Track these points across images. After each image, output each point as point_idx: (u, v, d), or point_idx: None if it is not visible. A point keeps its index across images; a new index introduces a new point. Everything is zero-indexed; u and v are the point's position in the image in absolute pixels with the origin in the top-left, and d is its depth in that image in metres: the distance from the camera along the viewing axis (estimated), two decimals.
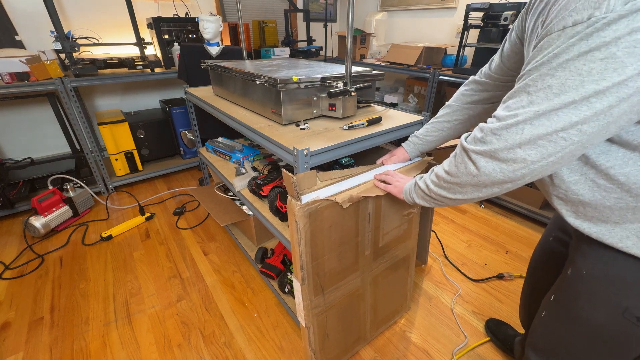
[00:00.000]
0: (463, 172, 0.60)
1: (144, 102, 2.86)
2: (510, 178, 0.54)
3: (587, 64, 0.43)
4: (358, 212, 0.97)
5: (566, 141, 0.47)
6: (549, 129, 0.48)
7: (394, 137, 1.17)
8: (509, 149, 0.52)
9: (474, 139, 0.58)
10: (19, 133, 2.39)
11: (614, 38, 0.41)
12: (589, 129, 0.46)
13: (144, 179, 2.54)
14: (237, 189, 1.47)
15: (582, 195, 0.56)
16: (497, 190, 0.59)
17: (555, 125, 0.47)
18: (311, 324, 1.00)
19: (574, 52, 0.44)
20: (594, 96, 0.44)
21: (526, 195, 2.02)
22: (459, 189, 0.64)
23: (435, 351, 1.25)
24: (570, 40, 0.44)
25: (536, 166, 0.51)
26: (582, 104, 0.45)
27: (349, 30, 1.02)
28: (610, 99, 0.43)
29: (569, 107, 0.45)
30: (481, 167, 0.57)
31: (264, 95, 1.22)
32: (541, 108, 0.48)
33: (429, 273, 1.63)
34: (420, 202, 0.78)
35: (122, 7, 2.23)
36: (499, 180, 0.56)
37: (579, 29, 0.43)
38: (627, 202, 0.52)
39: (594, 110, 0.44)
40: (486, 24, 2.00)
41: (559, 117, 0.46)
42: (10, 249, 1.81)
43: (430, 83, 2.32)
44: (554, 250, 0.87)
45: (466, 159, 0.59)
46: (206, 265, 1.69)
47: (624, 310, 0.58)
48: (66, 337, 1.31)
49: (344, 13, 3.81)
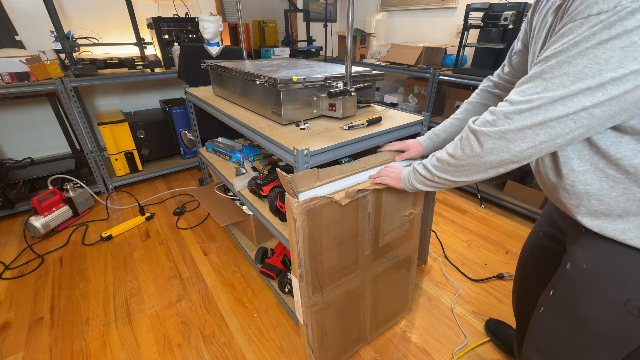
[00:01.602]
0: (469, 154, 0.61)
1: (144, 102, 2.86)
2: (517, 157, 0.56)
3: (607, 52, 0.44)
4: (357, 211, 0.97)
5: (575, 123, 0.48)
6: (561, 112, 0.49)
7: (394, 137, 1.17)
8: (519, 130, 0.53)
9: (484, 122, 0.58)
10: (19, 133, 2.39)
11: (636, 27, 0.41)
12: (600, 112, 0.47)
13: (144, 179, 2.54)
14: (237, 189, 1.47)
15: (590, 185, 0.57)
16: (503, 170, 0.60)
17: (568, 109, 0.48)
18: (309, 322, 1.01)
19: (595, 40, 0.44)
20: (609, 83, 0.44)
21: (526, 195, 2.02)
22: (464, 171, 0.65)
23: (435, 351, 1.25)
24: (593, 29, 0.44)
25: (543, 146, 0.52)
26: (598, 90, 0.45)
27: (349, 30, 1.03)
28: (627, 85, 0.44)
29: (584, 93, 0.46)
30: (488, 148, 0.58)
31: (264, 95, 1.22)
32: (556, 94, 0.48)
33: (429, 273, 1.63)
34: (420, 187, 0.79)
35: (122, 7, 2.23)
36: (506, 160, 0.57)
37: (602, 17, 0.43)
38: (633, 193, 0.54)
39: (609, 95, 0.45)
40: (486, 24, 2.00)
41: (573, 102, 0.47)
42: (10, 249, 1.81)
43: (430, 83, 2.32)
44: (544, 246, 0.88)
45: (473, 141, 0.60)
46: (206, 265, 1.69)
47: (626, 302, 0.57)
48: (66, 337, 1.31)
49: (344, 13, 3.81)
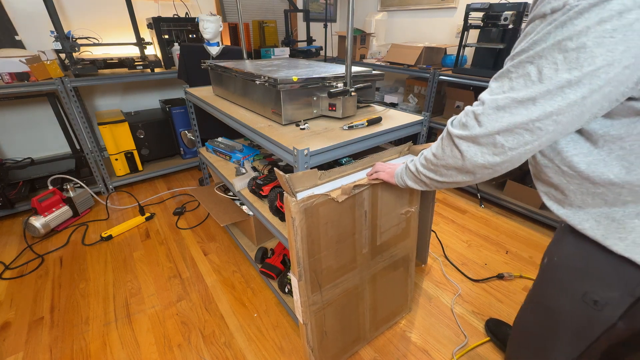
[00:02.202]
0: (449, 154, 0.62)
1: (144, 102, 2.86)
2: (490, 163, 0.56)
3: (562, 53, 0.44)
4: (354, 209, 0.97)
5: (542, 130, 0.49)
6: (526, 117, 0.49)
7: (394, 137, 1.17)
8: (488, 135, 0.53)
9: (459, 123, 0.59)
10: (19, 133, 2.39)
11: (585, 27, 0.41)
12: (563, 119, 0.47)
13: (144, 179, 2.54)
14: (237, 189, 1.47)
15: (551, 178, 0.61)
16: (479, 175, 0.60)
17: (531, 114, 0.48)
18: (309, 321, 1.01)
19: (550, 40, 0.45)
20: (567, 87, 0.45)
21: (526, 195, 2.02)
22: (445, 172, 0.66)
23: (435, 351, 1.25)
24: (547, 28, 0.45)
25: (514, 153, 0.52)
26: (557, 95, 0.46)
27: (349, 30, 1.03)
28: (583, 90, 0.44)
29: (545, 97, 0.46)
30: (464, 151, 0.58)
31: (264, 95, 1.22)
32: (519, 95, 0.49)
33: (429, 273, 1.63)
34: (411, 184, 0.79)
35: (122, 7, 2.23)
36: (480, 165, 0.57)
37: (555, 16, 0.44)
38: (587, 187, 0.56)
39: (568, 101, 0.45)
40: (486, 24, 2.00)
41: (535, 107, 0.47)
42: (10, 249, 1.81)
43: (430, 83, 2.32)
44: None
45: (451, 142, 0.61)
46: (206, 265, 1.69)
47: (584, 294, 0.60)
48: (66, 337, 1.31)
49: (344, 13, 3.81)
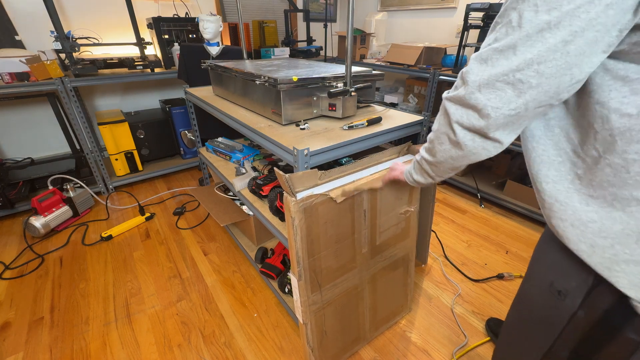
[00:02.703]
0: (441, 123, 0.60)
1: (144, 102, 2.86)
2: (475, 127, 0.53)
3: None
4: (354, 209, 0.97)
5: (523, 84, 0.46)
6: (505, 68, 0.46)
7: (393, 137, 1.17)
8: (470, 93, 0.51)
9: (453, 88, 0.57)
10: (19, 133, 2.39)
11: None
12: (546, 69, 0.44)
13: (144, 179, 2.54)
14: (237, 189, 1.47)
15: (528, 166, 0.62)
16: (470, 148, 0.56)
17: (511, 63, 0.46)
18: (309, 321, 1.01)
19: None
20: (547, 30, 0.43)
21: (526, 195, 2.02)
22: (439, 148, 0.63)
23: (435, 351, 1.25)
24: None
25: (498, 114, 0.49)
26: (537, 40, 0.44)
27: (349, 30, 1.03)
28: (563, 33, 0.42)
29: (525, 43, 0.45)
30: (451, 114, 0.55)
31: (264, 95, 1.22)
32: (500, 44, 0.47)
33: (429, 273, 1.63)
34: (416, 177, 0.79)
35: (122, 7, 2.23)
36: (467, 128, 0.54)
37: None
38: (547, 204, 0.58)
39: (548, 45, 0.43)
40: (486, 24, 2.00)
41: (515, 55, 0.46)
42: (10, 249, 1.81)
43: (430, 83, 2.32)
44: None
45: (442, 109, 0.59)
46: (206, 265, 1.69)
47: (550, 285, 0.63)
48: (66, 337, 1.31)
49: (344, 13, 3.81)
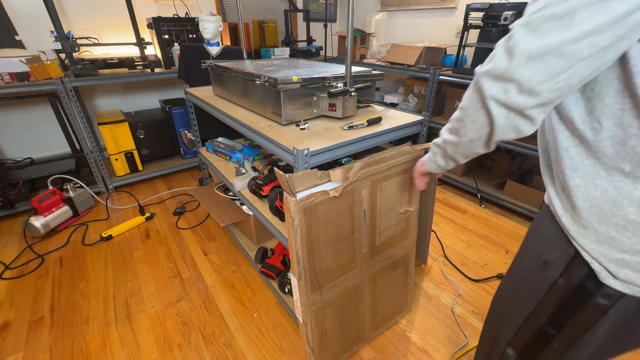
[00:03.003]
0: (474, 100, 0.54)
1: (144, 102, 2.86)
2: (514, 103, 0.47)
3: None
4: (353, 209, 0.97)
5: (575, 55, 0.41)
6: (561, 38, 0.41)
7: (394, 137, 1.17)
8: (516, 66, 0.45)
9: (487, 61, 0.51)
10: (19, 133, 2.39)
11: None
12: (601, 41, 0.40)
13: (144, 179, 2.54)
14: (237, 189, 1.47)
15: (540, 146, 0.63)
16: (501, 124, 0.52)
17: (568, 33, 0.40)
18: (309, 321, 1.01)
19: None
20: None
21: (526, 195, 2.02)
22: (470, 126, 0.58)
23: (435, 351, 1.25)
24: None
25: (542, 89, 0.44)
26: (600, 7, 0.38)
27: (349, 30, 1.03)
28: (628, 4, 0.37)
29: (586, 9, 0.39)
30: (485, 89, 0.50)
31: (264, 95, 1.22)
32: (555, 10, 0.41)
33: (429, 273, 1.63)
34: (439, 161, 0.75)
35: (122, 7, 2.23)
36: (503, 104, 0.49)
37: None
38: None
39: (610, 16, 0.38)
40: (486, 24, 2.00)
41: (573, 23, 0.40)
42: (10, 249, 1.81)
43: (430, 83, 2.32)
44: None
45: (474, 84, 0.54)
46: (206, 265, 1.69)
47: (537, 256, 0.64)
48: (66, 337, 1.31)
49: (344, 13, 3.81)
